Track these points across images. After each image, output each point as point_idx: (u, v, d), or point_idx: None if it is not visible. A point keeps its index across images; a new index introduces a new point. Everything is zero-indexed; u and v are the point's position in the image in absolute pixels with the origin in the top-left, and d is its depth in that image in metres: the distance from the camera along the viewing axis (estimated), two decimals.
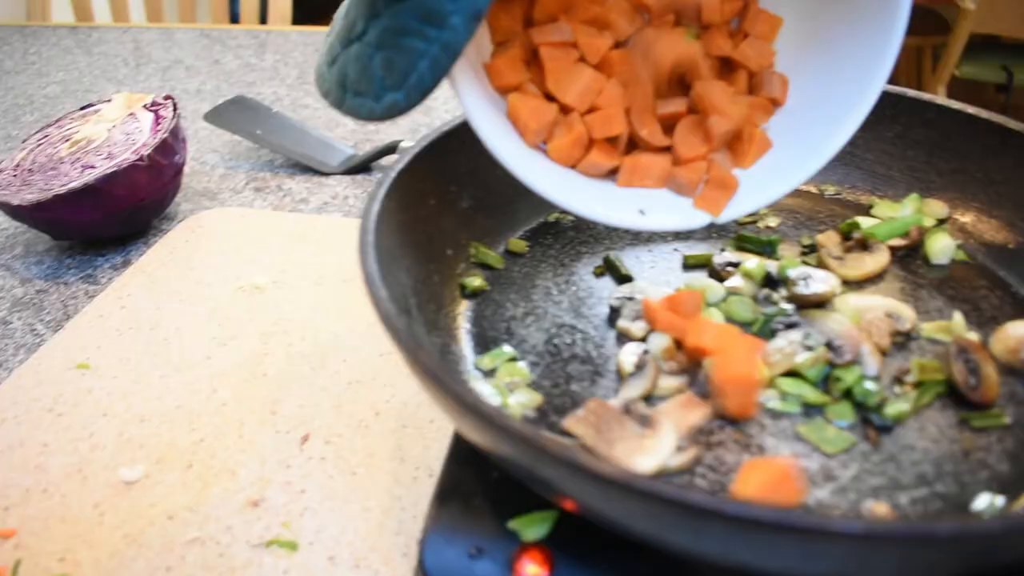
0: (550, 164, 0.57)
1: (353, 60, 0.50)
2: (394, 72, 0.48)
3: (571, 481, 0.37)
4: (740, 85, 0.59)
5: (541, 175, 0.55)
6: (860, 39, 0.56)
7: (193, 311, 0.76)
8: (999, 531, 0.34)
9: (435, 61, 0.46)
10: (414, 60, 0.47)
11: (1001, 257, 0.66)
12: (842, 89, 0.57)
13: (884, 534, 0.33)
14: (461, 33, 0.45)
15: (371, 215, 0.52)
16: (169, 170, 0.88)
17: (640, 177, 0.57)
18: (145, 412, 0.65)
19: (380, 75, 0.48)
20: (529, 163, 0.55)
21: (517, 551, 0.45)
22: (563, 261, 0.67)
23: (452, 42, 0.45)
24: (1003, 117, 0.67)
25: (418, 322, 0.54)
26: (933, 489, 0.48)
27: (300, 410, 0.65)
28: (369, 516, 0.57)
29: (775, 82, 0.59)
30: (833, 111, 0.57)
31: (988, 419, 0.52)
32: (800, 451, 0.50)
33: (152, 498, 0.58)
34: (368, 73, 0.49)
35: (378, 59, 0.48)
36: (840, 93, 0.57)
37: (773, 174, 0.58)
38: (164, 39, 1.53)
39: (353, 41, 0.50)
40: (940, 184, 0.71)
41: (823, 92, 0.58)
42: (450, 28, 0.45)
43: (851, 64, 0.56)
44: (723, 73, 0.59)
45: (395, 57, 0.47)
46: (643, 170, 0.57)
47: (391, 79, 0.48)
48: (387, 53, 0.47)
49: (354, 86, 0.50)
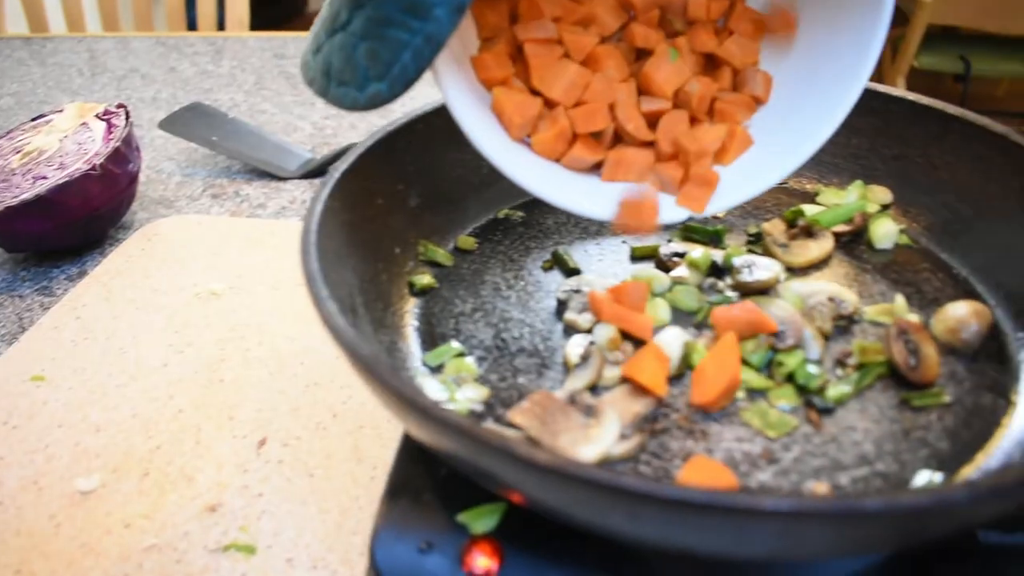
0: (533, 157, 0.58)
1: (337, 49, 0.50)
2: (378, 63, 0.48)
3: (508, 471, 0.37)
4: (724, 82, 0.60)
5: (523, 168, 0.55)
6: (842, 39, 0.56)
7: (149, 319, 0.76)
8: (925, 505, 0.35)
9: (418, 52, 0.47)
10: (397, 51, 0.47)
11: (943, 240, 0.68)
12: (823, 88, 0.57)
13: (812, 511, 0.34)
14: (444, 25, 0.46)
15: (314, 215, 0.53)
16: (123, 179, 0.88)
17: (624, 171, 0.58)
18: (101, 422, 0.65)
19: (364, 65, 0.49)
20: (511, 156, 0.56)
21: (467, 544, 0.45)
22: (512, 257, 0.68)
23: (435, 34, 0.46)
24: (942, 103, 0.69)
25: (364, 321, 0.55)
26: (874, 468, 0.49)
27: (258, 414, 0.65)
28: (327, 517, 0.57)
29: (759, 80, 0.59)
30: (813, 110, 0.57)
31: (928, 398, 0.53)
32: (743, 435, 0.51)
33: (108, 507, 0.58)
34: (352, 63, 0.49)
35: (362, 49, 0.48)
36: (821, 92, 0.57)
37: (753, 171, 0.58)
38: (120, 48, 1.53)
39: (338, 30, 0.50)
40: (884, 171, 0.72)
41: (804, 91, 0.59)
42: (433, 20, 0.46)
43: (832, 63, 0.57)
44: (707, 70, 0.60)
45: (379, 48, 0.48)
46: (627, 164, 0.58)
47: (375, 69, 0.48)
48: (371, 43, 0.48)
49: (338, 75, 0.51)
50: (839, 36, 0.57)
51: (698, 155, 0.56)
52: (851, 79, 0.56)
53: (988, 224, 0.64)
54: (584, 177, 0.59)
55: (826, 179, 0.75)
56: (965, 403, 0.53)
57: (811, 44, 0.59)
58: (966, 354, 0.57)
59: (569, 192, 0.56)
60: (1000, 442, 0.51)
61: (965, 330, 0.57)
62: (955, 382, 0.55)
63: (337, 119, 1.21)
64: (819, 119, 0.57)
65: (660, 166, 0.57)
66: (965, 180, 0.67)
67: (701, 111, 0.58)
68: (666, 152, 0.57)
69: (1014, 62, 2.58)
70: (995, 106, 3.10)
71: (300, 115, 1.23)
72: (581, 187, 0.58)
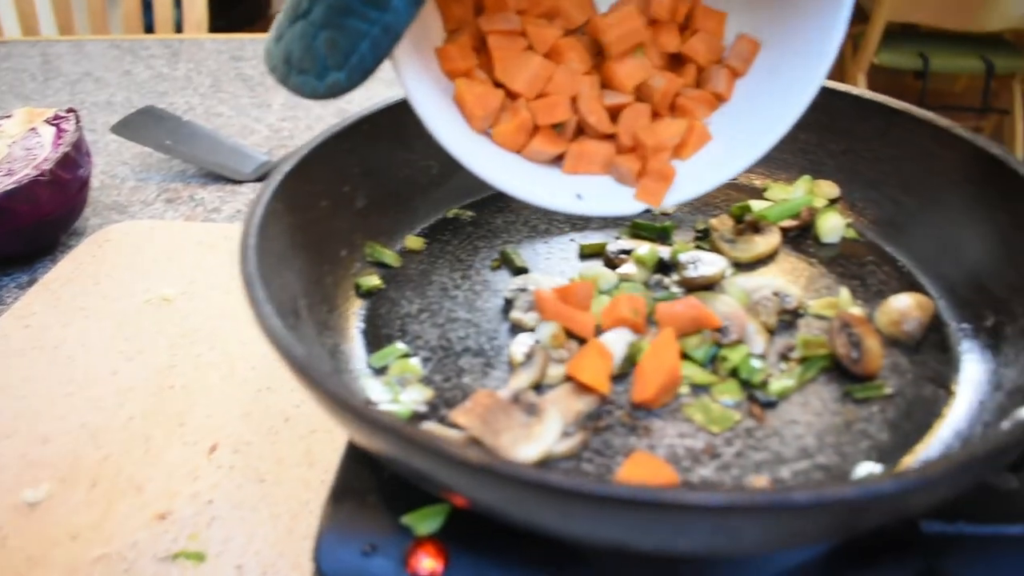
0: (494, 150, 0.58)
1: (298, 38, 0.50)
2: (336, 52, 0.48)
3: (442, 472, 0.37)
4: (688, 78, 0.60)
5: (483, 160, 0.56)
6: (801, 38, 0.56)
7: (99, 326, 0.75)
8: (854, 496, 0.35)
9: (376, 42, 0.47)
10: (356, 41, 0.47)
11: (888, 233, 0.68)
12: (780, 85, 0.58)
13: (743, 505, 0.34)
14: (402, 15, 0.46)
15: (255, 218, 0.52)
16: (73, 184, 0.87)
17: (586, 163, 0.58)
18: (49, 432, 0.64)
19: (323, 54, 0.49)
20: (471, 147, 0.56)
21: (412, 546, 0.45)
22: (460, 257, 0.68)
23: (393, 24, 0.46)
24: (886, 97, 0.70)
25: (308, 323, 0.54)
26: (815, 461, 0.50)
27: (208, 420, 0.65)
28: (278, 522, 0.57)
29: (722, 77, 0.60)
30: (771, 106, 0.58)
31: (870, 390, 0.54)
32: (686, 431, 0.51)
33: (56, 518, 0.57)
34: (311, 52, 0.49)
35: (321, 38, 0.48)
36: (778, 89, 0.58)
37: (709, 165, 0.58)
38: (74, 52, 1.51)
39: (299, 18, 0.50)
40: (831, 165, 0.73)
41: (762, 88, 0.59)
42: (391, 10, 0.46)
43: (791, 61, 0.57)
44: (672, 65, 0.60)
45: (337, 37, 0.48)
46: (589, 156, 0.58)
47: (333, 59, 0.48)
48: (330, 32, 0.48)
49: (298, 64, 0.51)
50: (798, 35, 0.57)
51: (655, 149, 0.56)
52: (809, 77, 0.56)
53: (931, 217, 0.65)
54: (545, 169, 0.59)
55: (774, 174, 0.76)
56: (907, 394, 0.54)
57: (770, 42, 0.59)
58: (909, 346, 0.58)
59: (529, 184, 0.57)
60: (940, 432, 0.52)
61: (908, 322, 0.58)
62: (898, 374, 0.56)
63: (293, 121, 1.20)
64: (776, 116, 0.57)
65: (619, 158, 0.58)
66: (910, 174, 0.67)
67: (663, 106, 0.59)
68: (625, 145, 0.58)
69: (971, 59, 2.61)
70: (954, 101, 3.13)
71: (257, 117, 1.22)
72: (542, 179, 0.58)
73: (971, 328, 0.59)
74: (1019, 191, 0.57)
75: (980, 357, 0.56)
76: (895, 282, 0.64)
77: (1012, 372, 0.53)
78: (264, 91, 1.31)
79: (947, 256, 0.63)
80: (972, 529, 0.46)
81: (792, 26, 0.57)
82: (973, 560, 0.45)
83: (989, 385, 0.54)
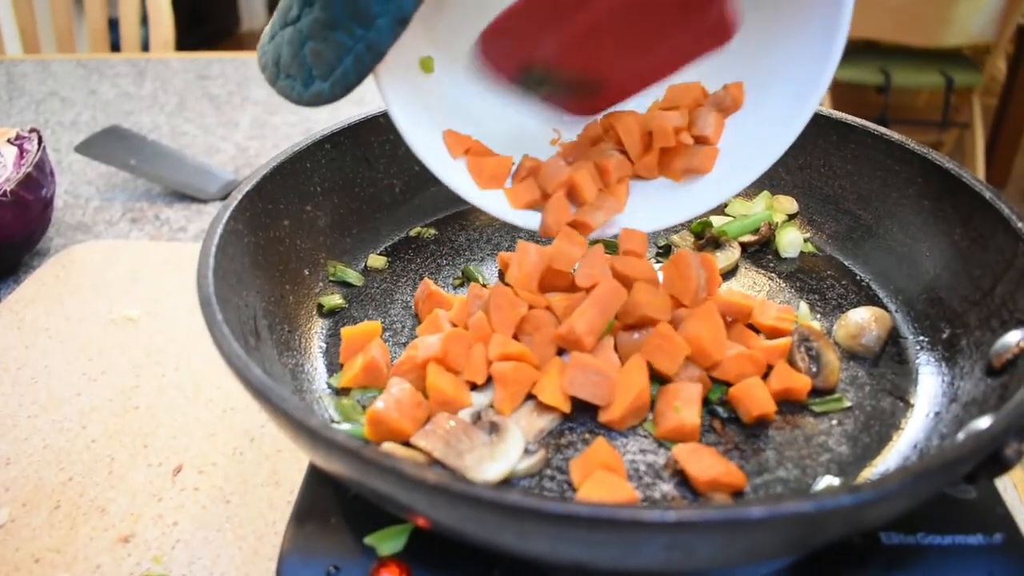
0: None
1: (287, 43, 0.51)
2: (321, 63, 0.49)
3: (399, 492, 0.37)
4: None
5: (462, 176, 0.58)
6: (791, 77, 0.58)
7: (63, 348, 0.75)
8: (807, 510, 0.36)
9: (359, 59, 0.48)
10: (341, 55, 0.48)
11: (846, 247, 0.69)
12: (768, 117, 0.59)
13: (696, 521, 0.35)
14: (386, 35, 0.47)
15: (214, 238, 0.52)
16: (36, 205, 0.86)
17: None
18: (11, 454, 0.63)
19: (309, 64, 0.50)
20: (451, 164, 0.58)
21: (375, 567, 0.45)
22: (423, 275, 0.68)
23: (377, 43, 0.47)
24: (841, 113, 0.71)
25: (268, 344, 0.54)
26: (775, 475, 0.50)
27: (173, 441, 0.64)
28: (243, 543, 0.56)
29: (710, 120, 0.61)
30: (759, 139, 0.59)
31: (829, 404, 0.55)
32: (647, 447, 0.52)
33: (17, 542, 0.57)
34: (298, 59, 0.50)
35: (308, 47, 0.49)
36: (766, 121, 0.59)
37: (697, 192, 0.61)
38: (39, 71, 1.50)
39: (289, 24, 0.51)
40: (789, 181, 0.74)
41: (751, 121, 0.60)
42: (376, 29, 0.47)
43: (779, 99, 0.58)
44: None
45: (323, 49, 0.49)
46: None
47: (318, 69, 0.49)
48: (316, 43, 0.49)
49: (286, 68, 0.51)
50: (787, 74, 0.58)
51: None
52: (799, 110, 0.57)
53: (887, 231, 0.66)
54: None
55: None
56: (865, 407, 0.55)
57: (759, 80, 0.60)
58: (867, 359, 0.59)
59: (502, 202, 0.59)
60: (898, 445, 0.52)
61: (866, 335, 0.59)
62: (856, 386, 0.57)
63: (260, 140, 1.20)
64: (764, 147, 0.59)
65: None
66: (866, 188, 0.69)
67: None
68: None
69: (932, 74, 2.65)
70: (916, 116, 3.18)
71: (223, 136, 1.22)
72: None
73: (928, 341, 0.59)
74: (973, 205, 0.59)
75: (937, 369, 0.57)
76: (853, 296, 0.65)
77: (967, 384, 0.54)
78: (231, 110, 1.31)
79: (904, 270, 0.64)
80: (932, 540, 0.47)
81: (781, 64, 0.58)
82: (933, 571, 0.46)
83: (945, 397, 0.55)
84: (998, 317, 0.54)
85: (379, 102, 0.69)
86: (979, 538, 0.47)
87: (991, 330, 0.54)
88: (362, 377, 0.55)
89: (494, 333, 0.54)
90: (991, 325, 0.55)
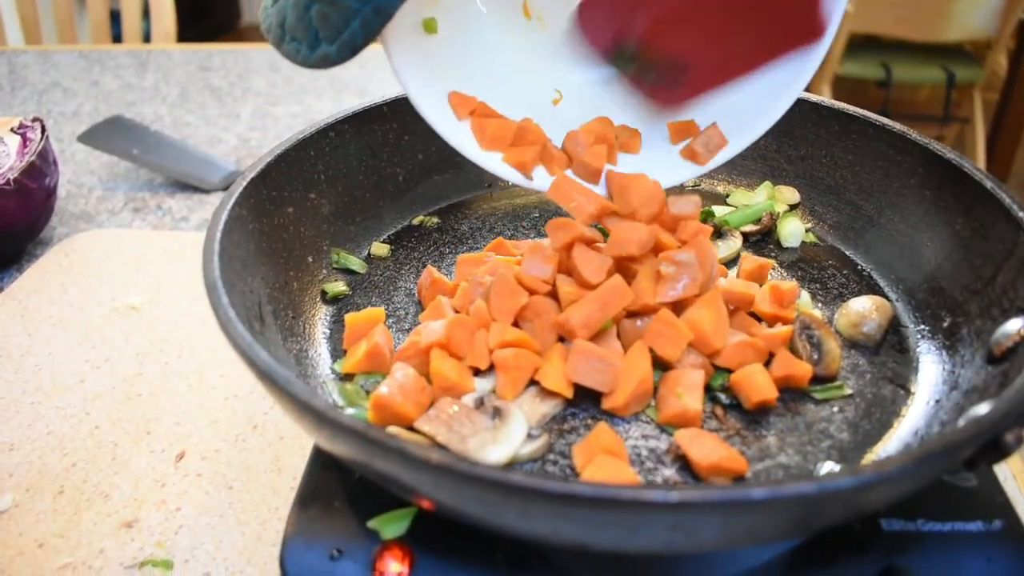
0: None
1: (292, 5, 0.51)
2: (328, 26, 0.49)
3: (404, 473, 0.38)
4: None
5: (471, 140, 0.58)
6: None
7: (66, 335, 0.75)
8: (808, 492, 0.36)
9: (367, 22, 0.48)
10: (348, 18, 0.48)
11: (847, 237, 0.70)
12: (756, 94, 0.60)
13: (698, 502, 0.35)
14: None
15: (219, 224, 0.52)
16: (39, 194, 0.86)
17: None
18: (14, 440, 0.64)
19: (315, 26, 0.50)
20: (460, 128, 0.58)
21: (378, 550, 0.45)
22: (425, 263, 0.68)
23: (384, 6, 0.47)
24: (843, 104, 0.71)
25: (273, 329, 0.55)
26: (776, 461, 0.50)
27: (176, 428, 0.65)
28: (246, 529, 0.57)
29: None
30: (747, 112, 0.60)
31: (830, 391, 0.55)
32: (650, 433, 0.52)
33: (21, 527, 0.57)
34: (304, 22, 0.50)
35: (315, 10, 0.49)
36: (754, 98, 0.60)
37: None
38: (41, 61, 1.50)
39: None
40: (791, 171, 0.74)
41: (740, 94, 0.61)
42: None
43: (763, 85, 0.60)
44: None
45: (330, 12, 0.49)
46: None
47: (325, 32, 0.49)
48: (322, 6, 0.49)
49: (291, 31, 0.51)
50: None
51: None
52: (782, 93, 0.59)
53: (889, 220, 0.67)
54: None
55: (736, 180, 0.77)
56: (866, 395, 0.55)
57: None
58: (868, 347, 0.59)
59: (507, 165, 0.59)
60: (898, 431, 0.53)
61: (866, 324, 0.59)
62: (857, 374, 0.57)
63: (262, 131, 1.20)
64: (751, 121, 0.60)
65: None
66: (867, 178, 0.69)
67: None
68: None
69: (933, 69, 2.65)
70: (917, 111, 3.18)
71: (225, 127, 1.22)
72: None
73: (928, 330, 0.60)
74: (974, 195, 0.59)
75: (937, 358, 0.57)
76: (855, 285, 0.65)
77: (968, 372, 0.54)
78: (232, 101, 1.31)
79: (905, 259, 0.64)
80: (932, 526, 0.47)
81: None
82: (933, 557, 0.46)
83: (946, 385, 0.55)
84: (999, 306, 0.55)
85: (382, 93, 0.69)
86: (978, 525, 0.48)
87: (992, 319, 0.55)
88: (366, 363, 0.56)
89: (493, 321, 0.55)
90: (992, 314, 0.55)
